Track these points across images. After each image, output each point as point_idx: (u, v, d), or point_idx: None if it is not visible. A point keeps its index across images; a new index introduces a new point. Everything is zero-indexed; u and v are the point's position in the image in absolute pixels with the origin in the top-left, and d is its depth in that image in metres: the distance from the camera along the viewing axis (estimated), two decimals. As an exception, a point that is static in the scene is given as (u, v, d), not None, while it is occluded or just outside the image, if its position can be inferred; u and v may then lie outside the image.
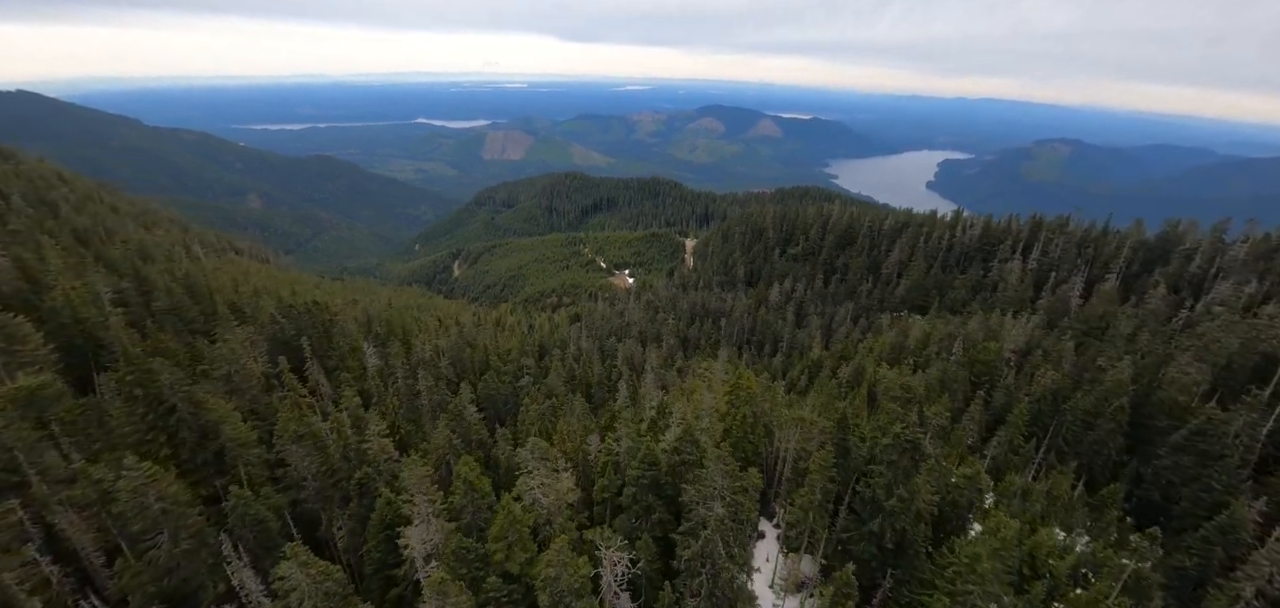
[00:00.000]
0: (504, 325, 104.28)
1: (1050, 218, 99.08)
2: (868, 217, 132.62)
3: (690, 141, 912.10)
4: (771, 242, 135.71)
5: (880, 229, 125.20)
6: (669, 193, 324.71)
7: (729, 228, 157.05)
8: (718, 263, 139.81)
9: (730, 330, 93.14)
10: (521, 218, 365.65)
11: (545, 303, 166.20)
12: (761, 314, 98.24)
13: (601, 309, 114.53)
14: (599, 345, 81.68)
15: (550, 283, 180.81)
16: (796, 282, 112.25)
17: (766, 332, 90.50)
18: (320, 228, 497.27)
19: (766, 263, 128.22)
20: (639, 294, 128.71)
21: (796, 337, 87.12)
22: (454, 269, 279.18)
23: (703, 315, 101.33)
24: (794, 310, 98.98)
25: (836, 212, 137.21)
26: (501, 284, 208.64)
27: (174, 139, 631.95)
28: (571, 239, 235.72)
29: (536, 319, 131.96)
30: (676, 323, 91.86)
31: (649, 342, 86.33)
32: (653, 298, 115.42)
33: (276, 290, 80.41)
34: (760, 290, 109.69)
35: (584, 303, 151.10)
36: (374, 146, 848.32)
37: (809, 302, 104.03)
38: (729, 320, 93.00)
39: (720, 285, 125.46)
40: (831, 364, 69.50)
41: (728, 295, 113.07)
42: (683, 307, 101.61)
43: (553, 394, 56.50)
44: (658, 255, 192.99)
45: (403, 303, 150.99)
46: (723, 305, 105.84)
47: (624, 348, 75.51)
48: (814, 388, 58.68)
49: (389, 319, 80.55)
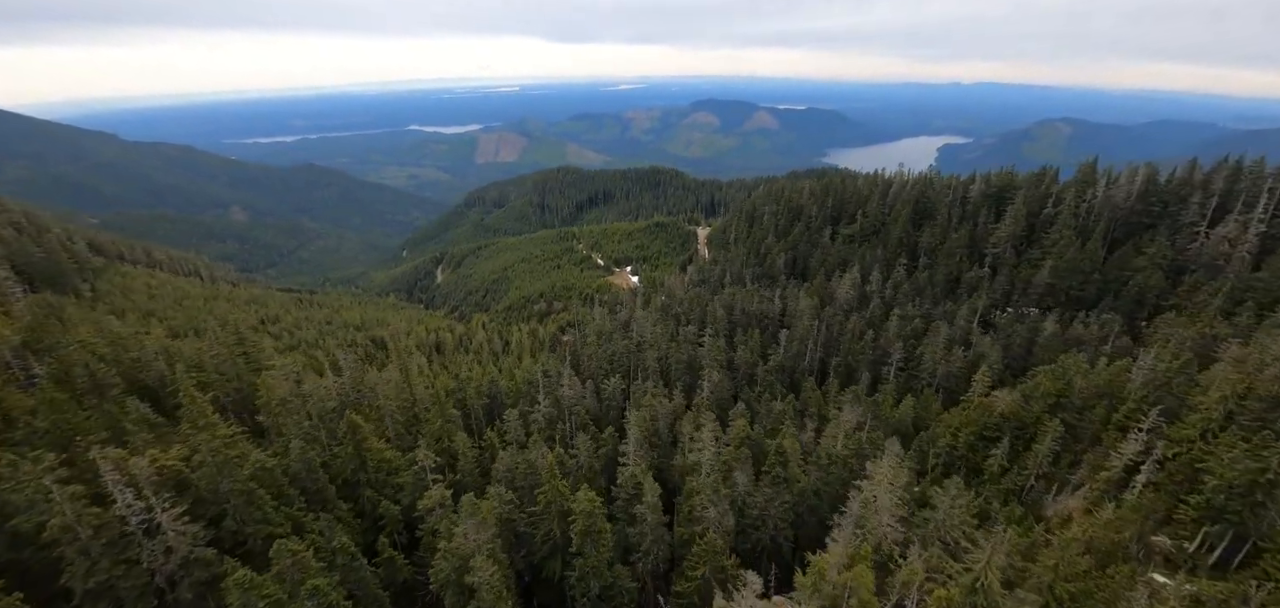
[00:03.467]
0: (444, 350, 71.00)
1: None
2: (942, 183, 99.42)
3: (686, 136, 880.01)
4: (816, 221, 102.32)
5: (963, 196, 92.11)
6: (670, 182, 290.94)
7: (755, 208, 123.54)
8: (746, 252, 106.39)
9: (800, 349, 59.95)
10: (512, 217, 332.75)
11: (531, 310, 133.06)
12: (830, 316, 65.14)
13: (599, 319, 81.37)
14: (596, 389, 48.43)
15: (537, 286, 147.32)
16: (867, 270, 79.07)
17: (856, 349, 57.28)
18: (306, 238, 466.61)
19: (815, 248, 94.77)
20: (647, 296, 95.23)
21: (922, 357, 53.55)
22: (437, 275, 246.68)
23: (746, 323, 68.18)
24: (880, 310, 65.88)
25: (898, 180, 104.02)
26: (484, 289, 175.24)
27: (154, 153, 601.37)
28: (563, 234, 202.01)
29: (515, 334, 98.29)
30: (713, 339, 58.74)
31: (677, 377, 53.19)
32: (668, 301, 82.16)
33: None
34: (818, 284, 76.39)
35: (578, 308, 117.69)
36: (365, 155, 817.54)
37: (896, 298, 70.90)
38: (792, 334, 59.92)
39: (754, 280, 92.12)
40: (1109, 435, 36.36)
41: (770, 292, 79.91)
42: (715, 313, 68.61)
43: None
44: (665, 248, 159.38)
45: (350, 318, 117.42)
46: (769, 308, 72.47)
47: (645, 406, 41.85)
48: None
49: (247, 356, 47.22)
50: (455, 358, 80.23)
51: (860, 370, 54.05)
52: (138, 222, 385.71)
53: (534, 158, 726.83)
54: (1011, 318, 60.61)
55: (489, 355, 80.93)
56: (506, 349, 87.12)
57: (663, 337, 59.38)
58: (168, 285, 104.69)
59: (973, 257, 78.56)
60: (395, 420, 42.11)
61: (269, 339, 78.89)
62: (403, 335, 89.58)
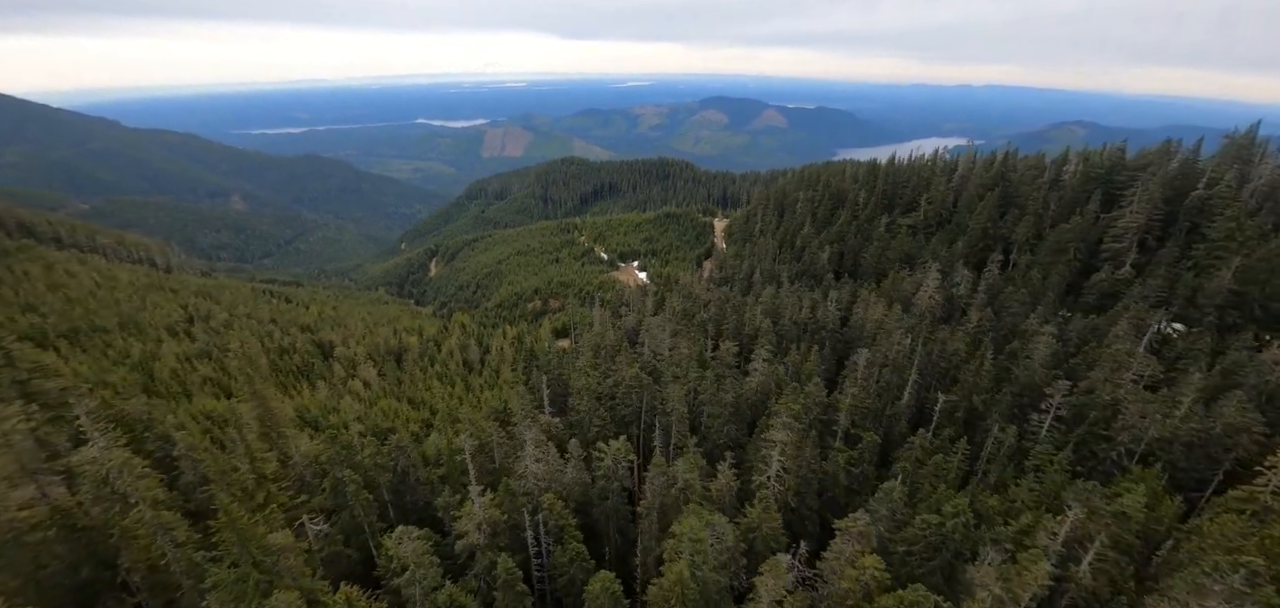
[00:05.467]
0: (405, 360, 52.57)
1: None
2: (1025, 164, 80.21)
3: (694, 134, 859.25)
4: (865, 209, 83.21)
5: (1056, 178, 73.01)
6: (680, 174, 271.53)
7: (785, 195, 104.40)
8: (778, 245, 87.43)
9: (891, 378, 41.02)
10: (513, 210, 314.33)
11: (524, 309, 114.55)
12: (918, 329, 46.32)
13: (598, 326, 62.74)
14: (586, 454, 29.50)
15: (532, 281, 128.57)
16: (942, 267, 60.06)
17: (977, 381, 38.01)
18: (304, 229, 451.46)
19: (867, 241, 75.67)
20: (660, 296, 76.39)
21: (1095, 401, 34.00)
22: (431, 268, 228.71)
23: (798, 335, 49.44)
24: (989, 322, 46.94)
25: (966, 160, 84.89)
26: (474, 284, 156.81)
27: (156, 141, 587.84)
28: (564, 225, 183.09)
29: (496, 340, 79.62)
30: (771, 364, 39.45)
31: (719, 428, 34.24)
32: (689, 303, 63.40)
33: None
34: (889, 286, 57.65)
35: (575, 309, 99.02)
36: (371, 147, 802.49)
37: (999, 305, 51.93)
38: (874, 354, 40.83)
39: (793, 279, 73.19)
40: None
41: (817, 295, 61.11)
42: (756, 321, 49.73)
43: None
44: (676, 241, 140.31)
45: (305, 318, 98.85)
46: (825, 316, 53.54)
47: (687, 538, 21.65)
48: None
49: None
50: (415, 373, 62.02)
51: (991, 417, 35.23)
52: (128, 207, 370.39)
53: (540, 152, 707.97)
54: (1188, 339, 41.56)
55: (458, 369, 62.68)
56: (484, 361, 68.67)
57: (689, 358, 40.53)
58: (90, 274, 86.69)
59: (1088, 253, 59.53)
60: (228, 503, 23.65)
61: (172, 344, 60.74)
62: (356, 340, 71.15)
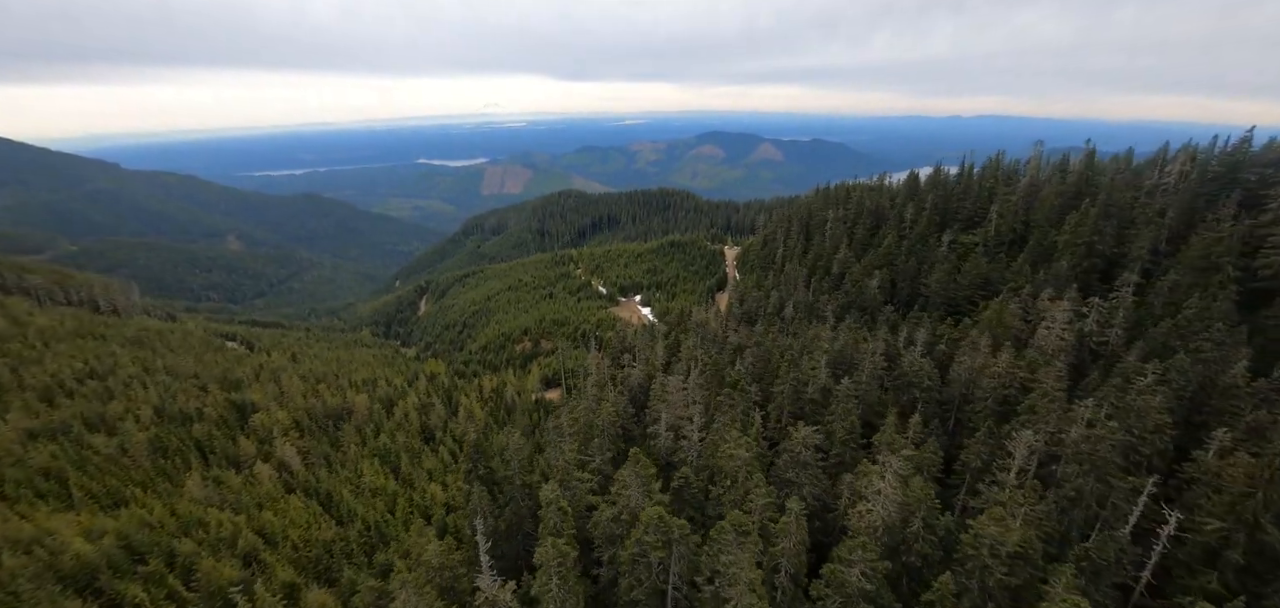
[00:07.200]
0: (345, 428, 36.38)
1: None
2: (1112, 168, 65.75)
3: (691, 168, 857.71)
4: (915, 228, 68.40)
5: (1178, 177, 58.27)
6: (681, 204, 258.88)
7: (811, 215, 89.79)
8: (809, 272, 72.17)
9: (1067, 496, 25.32)
10: (510, 245, 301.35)
11: (511, 351, 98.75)
12: (1054, 373, 30.71)
13: (595, 378, 46.95)
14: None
15: (522, 320, 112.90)
16: (1055, 294, 44.76)
17: (1221, 510, 22.17)
18: (299, 268, 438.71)
19: (927, 266, 60.53)
20: (673, 341, 60.67)
21: None
22: (420, 306, 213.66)
23: (884, 401, 33.70)
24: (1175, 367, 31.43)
25: (1033, 163, 70.43)
26: (461, 323, 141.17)
27: (154, 182, 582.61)
28: (559, 257, 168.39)
29: (468, 397, 63.37)
30: (886, 471, 23.87)
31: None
32: (711, 350, 47.68)
33: None
34: (990, 317, 42.19)
35: (568, 352, 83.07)
36: (371, 187, 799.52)
37: (1147, 341, 36.52)
38: (1033, 443, 25.24)
39: (837, 315, 57.78)
40: None
41: (881, 334, 45.61)
42: (818, 374, 34.24)
43: None
44: (683, 271, 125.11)
45: (239, 371, 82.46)
46: (915, 369, 37.99)
47: None
48: None
49: None
50: (354, 448, 46.10)
51: (1233, 549, 19.22)
52: (118, 248, 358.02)
53: (539, 188, 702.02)
54: None
55: (410, 440, 46.58)
56: (447, 427, 52.48)
57: (743, 450, 24.52)
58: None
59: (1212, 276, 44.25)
60: None
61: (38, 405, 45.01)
62: (291, 400, 54.89)
